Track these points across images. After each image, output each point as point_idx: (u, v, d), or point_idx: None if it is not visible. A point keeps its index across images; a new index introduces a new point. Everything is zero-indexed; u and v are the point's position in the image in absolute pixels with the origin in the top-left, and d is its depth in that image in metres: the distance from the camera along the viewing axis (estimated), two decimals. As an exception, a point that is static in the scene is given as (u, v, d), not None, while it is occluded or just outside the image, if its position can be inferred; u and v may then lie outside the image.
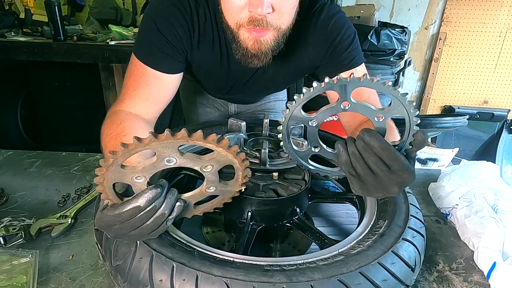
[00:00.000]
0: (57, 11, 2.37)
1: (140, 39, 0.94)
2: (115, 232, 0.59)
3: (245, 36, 0.83)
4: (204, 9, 0.91)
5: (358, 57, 0.99)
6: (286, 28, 0.85)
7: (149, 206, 0.56)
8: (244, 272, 0.57)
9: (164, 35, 0.89)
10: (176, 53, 0.92)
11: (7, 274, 0.70)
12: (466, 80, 3.38)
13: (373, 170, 0.63)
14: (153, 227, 0.58)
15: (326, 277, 0.57)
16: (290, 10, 0.83)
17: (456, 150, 2.04)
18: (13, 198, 0.99)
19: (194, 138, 0.54)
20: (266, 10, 0.76)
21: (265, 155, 0.79)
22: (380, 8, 3.19)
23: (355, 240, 0.70)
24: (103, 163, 0.53)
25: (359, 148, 0.63)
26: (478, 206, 0.91)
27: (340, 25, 0.97)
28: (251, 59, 0.87)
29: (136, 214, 0.56)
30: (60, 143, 2.92)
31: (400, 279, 0.62)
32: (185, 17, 0.90)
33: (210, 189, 0.65)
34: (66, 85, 2.73)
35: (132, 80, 0.91)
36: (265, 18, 0.79)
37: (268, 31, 0.82)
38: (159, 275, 0.57)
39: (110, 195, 0.58)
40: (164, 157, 0.55)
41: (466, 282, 0.78)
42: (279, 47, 0.87)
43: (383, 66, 2.69)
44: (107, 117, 0.86)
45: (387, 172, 0.62)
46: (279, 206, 0.78)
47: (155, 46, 0.90)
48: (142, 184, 0.58)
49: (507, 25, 3.15)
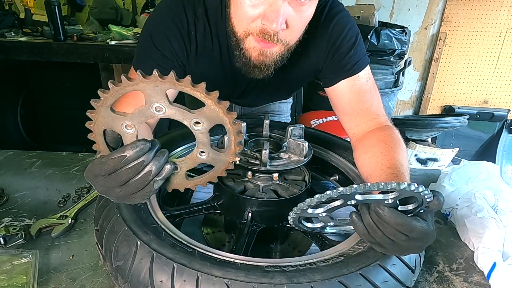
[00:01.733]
0: (57, 11, 2.37)
1: (137, 52, 0.93)
2: (101, 185, 0.58)
3: (251, 45, 0.81)
4: (204, 22, 0.90)
5: (361, 61, 0.94)
6: (293, 44, 0.83)
7: (136, 160, 0.55)
8: (245, 273, 0.57)
9: (160, 50, 0.89)
10: (172, 67, 0.90)
11: (7, 274, 0.70)
12: (466, 80, 3.38)
13: (392, 239, 0.60)
14: (138, 185, 0.58)
15: (327, 278, 0.57)
16: (301, 28, 0.81)
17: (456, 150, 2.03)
18: (13, 198, 0.98)
19: (183, 83, 0.52)
20: (281, 27, 0.75)
21: (266, 156, 0.79)
22: (380, 8, 3.19)
23: (356, 241, 0.70)
24: (94, 103, 0.53)
25: (375, 220, 0.60)
26: (478, 207, 0.91)
27: (342, 26, 0.93)
28: (253, 70, 0.86)
29: (122, 165, 0.55)
30: (60, 143, 2.92)
31: (401, 281, 0.62)
32: (181, 32, 0.89)
33: (202, 156, 0.63)
34: (66, 85, 2.73)
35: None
36: (277, 34, 0.77)
37: (276, 45, 0.80)
38: (159, 276, 0.57)
39: (101, 145, 0.58)
40: (152, 102, 0.54)
41: (466, 283, 0.78)
42: (282, 62, 0.85)
43: (383, 66, 2.69)
44: None
45: (406, 240, 0.59)
46: (280, 207, 0.78)
47: (151, 60, 0.89)
48: (131, 135, 0.58)
49: (507, 25, 3.15)
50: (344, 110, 0.98)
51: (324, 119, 2.34)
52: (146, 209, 0.72)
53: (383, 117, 0.95)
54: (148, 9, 2.95)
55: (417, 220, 0.59)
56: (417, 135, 2.72)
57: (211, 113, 0.57)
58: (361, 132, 0.94)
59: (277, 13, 0.73)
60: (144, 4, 3.06)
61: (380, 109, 0.96)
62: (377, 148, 0.83)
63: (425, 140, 2.80)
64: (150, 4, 2.99)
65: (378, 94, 0.98)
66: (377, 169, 0.77)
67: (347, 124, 0.99)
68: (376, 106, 0.95)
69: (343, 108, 0.98)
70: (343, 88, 0.95)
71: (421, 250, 0.66)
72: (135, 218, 0.67)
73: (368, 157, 0.84)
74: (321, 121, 2.33)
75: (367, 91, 0.95)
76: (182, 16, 0.88)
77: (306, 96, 2.83)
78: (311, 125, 2.27)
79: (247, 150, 0.85)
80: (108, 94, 0.52)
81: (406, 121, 2.74)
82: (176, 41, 0.89)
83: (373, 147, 0.84)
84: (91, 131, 0.60)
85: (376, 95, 0.97)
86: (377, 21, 2.75)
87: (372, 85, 0.96)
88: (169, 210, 0.79)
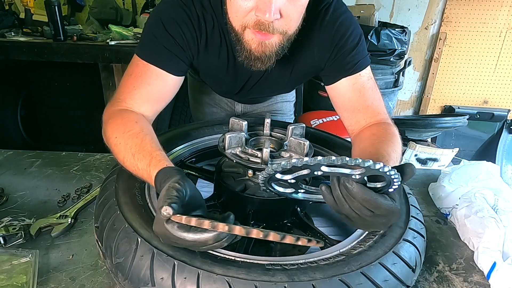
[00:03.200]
0: (57, 11, 2.36)
1: (145, 39, 0.91)
2: (169, 243, 0.59)
3: (249, 37, 0.82)
4: (212, 15, 0.90)
5: (363, 60, 0.96)
6: (292, 33, 0.84)
7: (215, 243, 0.57)
8: (246, 271, 0.57)
9: (172, 35, 0.88)
10: (182, 54, 0.91)
11: (7, 274, 0.70)
12: (466, 80, 3.38)
13: (358, 213, 0.64)
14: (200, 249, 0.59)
15: (328, 276, 0.57)
16: (297, 16, 0.82)
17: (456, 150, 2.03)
18: (13, 198, 0.98)
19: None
20: (274, 17, 0.75)
21: (267, 155, 0.79)
22: (380, 8, 3.19)
23: (356, 240, 0.70)
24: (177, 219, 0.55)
25: (343, 194, 0.63)
26: (478, 206, 0.91)
27: (346, 26, 0.94)
28: (254, 62, 0.86)
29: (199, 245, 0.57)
30: (60, 143, 2.92)
31: (401, 280, 0.62)
32: (192, 22, 0.89)
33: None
34: (66, 85, 2.73)
35: (133, 78, 0.90)
36: (272, 24, 0.78)
37: (274, 35, 0.81)
38: (160, 273, 0.57)
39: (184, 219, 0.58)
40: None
41: (466, 282, 0.78)
42: (283, 51, 0.86)
43: (383, 66, 2.70)
44: (111, 116, 0.84)
45: (371, 216, 0.63)
46: (280, 206, 0.78)
47: (162, 45, 0.88)
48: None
49: (507, 25, 3.15)
50: (344, 107, 0.99)
51: (324, 119, 2.34)
52: (147, 206, 0.72)
53: (384, 115, 0.96)
54: (148, 9, 2.95)
55: (384, 198, 0.62)
56: (417, 135, 2.72)
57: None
58: (360, 129, 0.96)
59: (269, 3, 0.73)
60: (144, 4, 3.06)
61: (381, 107, 0.96)
62: (369, 140, 0.86)
63: (425, 140, 2.79)
64: (150, 4, 2.99)
65: (379, 93, 0.99)
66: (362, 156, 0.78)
67: (347, 121, 1.00)
68: (377, 105, 0.96)
69: (343, 106, 0.99)
70: (344, 86, 0.97)
71: (385, 228, 0.69)
72: (135, 215, 0.67)
73: (359, 148, 0.88)
74: (321, 121, 2.33)
75: (368, 89, 0.96)
76: (191, 7, 0.88)
77: (306, 96, 2.83)
78: (311, 125, 2.27)
79: (248, 149, 0.85)
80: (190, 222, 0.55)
81: (406, 121, 2.74)
82: (189, 30, 0.89)
83: (366, 139, 0.88)
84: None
85: (377, 93, 0.98)
86: (377, 21, 2.75)
87: (373, 83, 0.98)
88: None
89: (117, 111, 0.86)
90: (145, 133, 0.78)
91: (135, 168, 0.73)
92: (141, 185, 0.77)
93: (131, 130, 0.78)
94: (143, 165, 0.71)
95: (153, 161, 0.70)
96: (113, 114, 0.85)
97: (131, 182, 0.77)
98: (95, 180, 1.09)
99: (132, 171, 0.75)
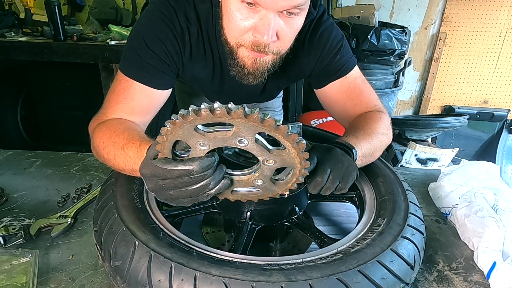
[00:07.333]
0: (57, 11, 2.37)
1: (127, 55, 0.90)
2: (156, 185, 0.59)
3: (244, 54, 0.84)
4: (197, 27, 0.90)
5: (348, 63, 1.00)
6: (284, 52, 0.86)
7: (200, 173, 0.56)
8: (243, 271, 0.57)
9: (155, 52, 0.87)
10: (167, 69, 0.91)
11: (7, 274, 0.70)
12: (466, 80, 3.38)
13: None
14: (192, 193, 0.58)
15: (325, 275, 0.57)
16: (292, 38, 0.84)
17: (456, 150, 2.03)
18: (13, 198, 0.99)
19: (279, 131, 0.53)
20: (272, 39, 0.77)
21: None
22: (380, 8, 3.19)
23: (354, 238, 0.70)
24: (181, 118, 0.51)
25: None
26: (478, 206, 0.91)
27: (326, 36, 0.97)
28: (247, 77, 0.88)
29: (184, 175, 0.56)
30: (60, 143, 2.92)
31: (400, 277, 0.62)
32: (175, 35, 0.88)
33: (257, 182, 0.64)
34: (66, 85, 2.74)
35: (115, 94, 0.89)
36: (268, 45, 0.79)
37: (268, 55, 0.83)
38: (157, 275, 0.57)
39: (166, 149, 0.57)
40: (239, 135, 0.54)
41: (466, 282, 0.78)
42: (275, 68, 0.88)
43: (383, 66, 2.69)
44: (95, 128, 0.84)
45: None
46: (278, 205, 0.78)
47: (145, 62, 0.88)
48: (201, 151, 0.57)
49: (507, 25, 3.15)
50: (335, 109, 1.06)
51: (324, 119, 2.34)
52: (145, 209, 0.72)
53: (374, 107, 1.00)
54: (148, 9, 2.95)
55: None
56: (417, 135, 2.72)
57: (289, 158, 0.58)
58: (350, 118, 1.01)
59: (268, 26, 0.75)
60: (144, 4, 3.06)
61: (371, 101, 1.00)
62: (352, 123, 0.96)
63: (425, 140, 2.79)
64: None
65: (369, 87, 1.04)
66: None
67: (341, 122, 1.06)
68: (366, 100, 1.00)
69: (333, 108, 1.06)
70: (332, 89, 1.02)
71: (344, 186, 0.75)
72: (133, 219, 0.67)
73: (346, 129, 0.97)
74: (321, 121, 2.33)
75: (356, 89, 1.01)
76: (175, 20, 0.88)
77: (306, 96, 2.82)
78: (311, 125, 2.27)
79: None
80: (200, 118, 0.51)
81: (406, 121, 2.73)
82: (171, 44, 0.89)
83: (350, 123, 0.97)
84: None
85: (366, 89, 1.03)
86: (377, 21, 2.75)
87: (361, 81, 1.02)
88: (167, 210, 0.79)
89: (101, 123, 0.85)
90: (131, 128, 0.78)
91: (127, 160, 0.71)
92: (139, 188, 0.77)
93: (116, 131, 0.77)
94: (134, 151, 0.70)
95: (144, 142, 0.70)
96: (97, 126, 0.84)
97: (129, 185, 0.77)
98: (95, 180, 1.09)
99: (123, 166, 0.73)
